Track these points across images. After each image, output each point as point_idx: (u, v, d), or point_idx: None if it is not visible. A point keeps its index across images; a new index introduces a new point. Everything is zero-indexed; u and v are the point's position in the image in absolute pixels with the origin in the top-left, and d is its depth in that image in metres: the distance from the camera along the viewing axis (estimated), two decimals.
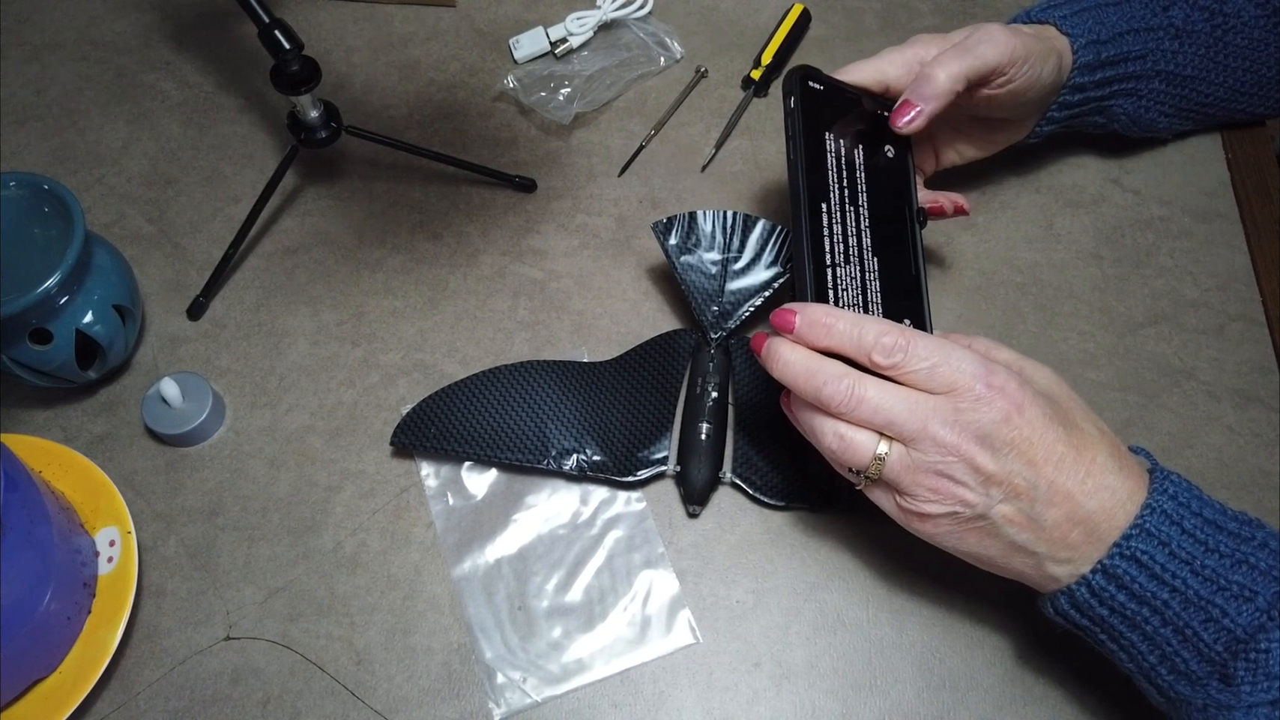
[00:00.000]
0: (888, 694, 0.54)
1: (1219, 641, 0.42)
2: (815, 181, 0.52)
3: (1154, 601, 0.43)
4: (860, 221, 0.53)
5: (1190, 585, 0.42)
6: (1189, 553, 0.42)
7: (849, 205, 0.53)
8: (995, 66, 0.54)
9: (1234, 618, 0.42)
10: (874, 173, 0.55)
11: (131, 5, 0.80)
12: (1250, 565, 0.42)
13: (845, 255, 0.52)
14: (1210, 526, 0.43)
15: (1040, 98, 0.59)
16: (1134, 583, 0.43)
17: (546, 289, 0.67)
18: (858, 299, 0.51)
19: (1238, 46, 0.63)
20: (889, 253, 0.53)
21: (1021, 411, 0.43)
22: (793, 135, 0.53)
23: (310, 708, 0.54)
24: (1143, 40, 0.60)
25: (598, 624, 0.56)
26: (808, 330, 0.46)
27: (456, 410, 0.60)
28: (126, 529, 0.57)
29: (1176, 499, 0.43)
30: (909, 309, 0.52)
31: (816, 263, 0.50)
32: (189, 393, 0.61)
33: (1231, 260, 0.66)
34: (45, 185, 0.58)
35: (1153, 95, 0.63)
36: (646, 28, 0.76)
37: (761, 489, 0.58)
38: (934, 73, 0.54)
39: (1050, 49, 0.57)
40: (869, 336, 0.45)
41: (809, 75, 0.54)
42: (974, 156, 0.64)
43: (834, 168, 0.53)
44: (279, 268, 0.68)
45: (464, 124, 0.73)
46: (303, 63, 0.59)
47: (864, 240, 0.53)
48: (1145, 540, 0.43)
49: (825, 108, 0.54)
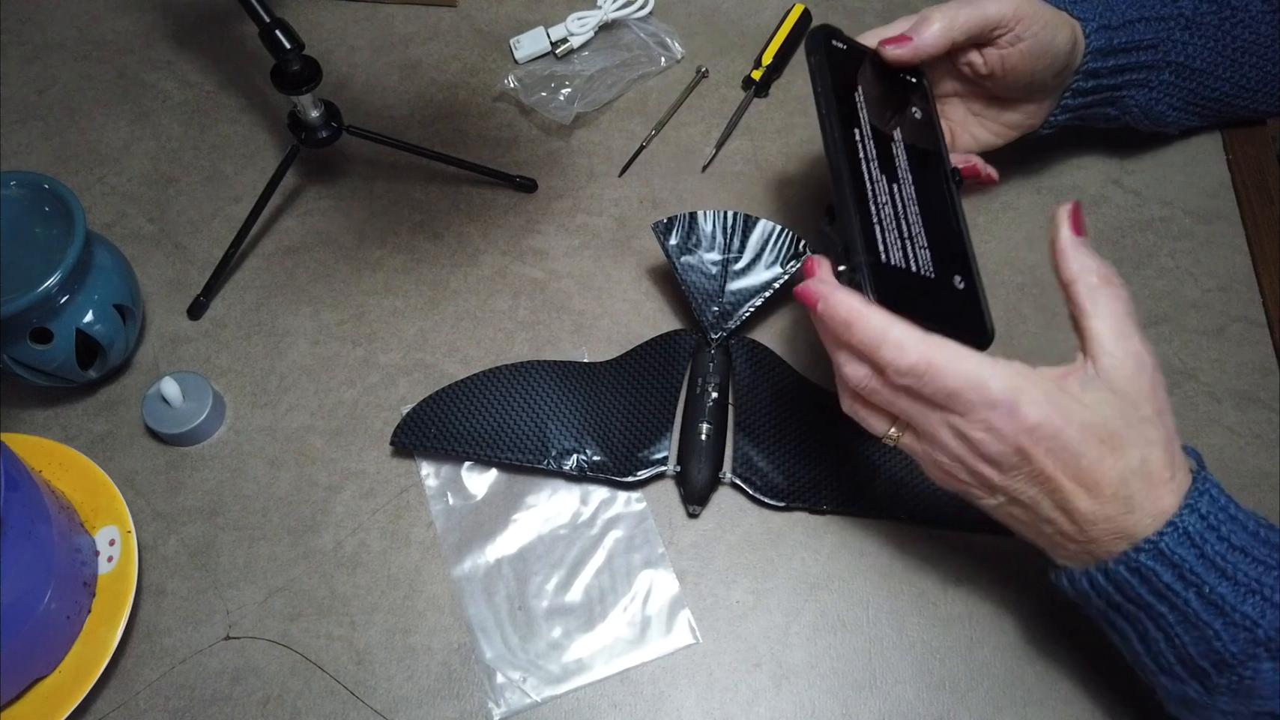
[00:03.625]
0: (888, 694, 0.54)
1: (1206, 658, 0.42)
2: (851, 138, 0.51)
3: (1151, 610, 0.43)
4: (900, 178, 0.51)
5: (1192, 606, 0.42)
6: (1200, 577, 0.42)
7: (887, 161, 0.52)
8: (998, 21, 0.54)
9: (1227, 644, 0.42)
10: (906, 132, 0.54)
11: (133, 5, 0.80)
12: (1264, 597, 0.41)
13: (891, 213, 0.49)
14: (1235, 553, 0.42)
15: (1054, 74, 0.58)
16: (1134, 590, 0.43)
17: (547, 289, 0.67)
18: (905, 255, 0.48)
19: (1245, 41, 0.63)
20: (931, 210, 0.52)
21: (1029, 458, 0.43)
22: (822, 92, 0.52)
23: (310, 707, 0.54)
24: (1154, 29, 0.60)
25: (598, 624, 0.56)
26: (826, 320, 0.46)
27: (457, 410, 0.60)
28: (126, 528, 0.57)
29: (1207, 518, 0.42)
30: (958, 266, 0.50)
31: (864, 217, 0.48)
32: (189, 392, 0.61)
33: (1232, 261, 0.66)
34: (46, 184, 0.58)
35: (1163, 87, 0.63)
36: (647, 28, 0.76)
37: (761, 489, 0.58)
38: (932, 13, 0.55)
39: (1064, 19, 0.57)
40: (886, 354, 0.43)
41: (832, 34, 0.54)
42: (989, 143, 0.63)
43: (867, 125, 0.52)
44: (280, 267, 0.68)
45: (465, 124, 0.73)
46: (303, 62, 0.59)
47: (906, 197, 0.51)
48: (1155, 559, 0.42)
49: (850, 67, 0.54)
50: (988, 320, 0.49)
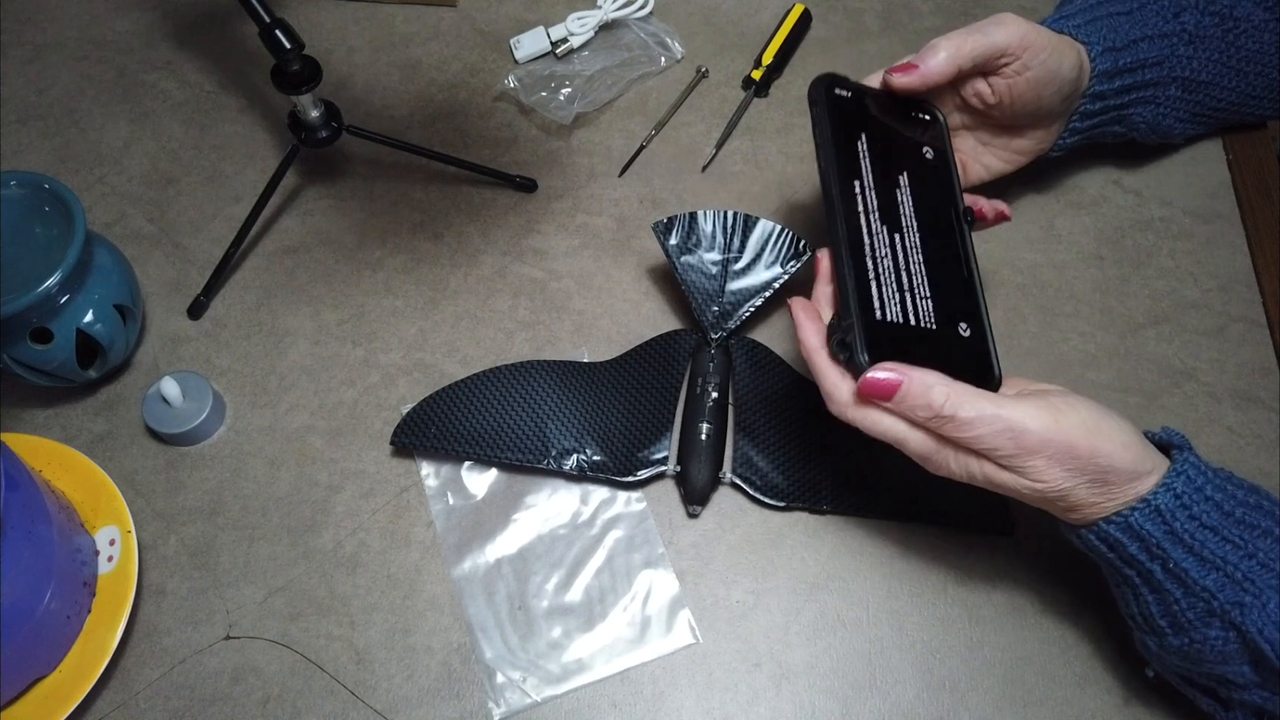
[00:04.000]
0: (888, 694, 0.54)
1: (1164, 618, 0.46)
2: (850, 191, 0.50)
3: (1120, 572, 0.47)
4: (904, 225, 0.51)
5: (1156, 576, 0.46)
6: (1165, 551, 0.45)
7: (890, 210, 0.51)
8: (1003, 49, 0.54)
9: (1184, 610, 0.45)
10: (914, 175, 0.53)
11: (133, 5, 0.80)
12: (1226, 574, 0.44)
13: (891, 265, 0.49)
14: (1205, 531, 0.44)
15: (1062, 99, 0.58)
16: (1104, 555, 0.47)
17: (547, 289, 0.67)
18: (904, 308, 0.48)
19: (1249, 50, 0.63)
20: (938, 256, 0.51)
21: (1025, 496, 0.46)
22: (822, 145, 0.51)
23: (310, 707, 0.54)
24: (1157, 47, 0.60)
25: (598, 624, 0.56)
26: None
27: (457, 410, 0.60)
28: (126, 528, 0.57)
29: (1181, 497, 0.45)
30: (964, 314, 0.50)
31: (859, 275, 0.48)
32: (189, 392, 0.61)
33: (1232, 261, 0.66)
34: (46, 184, 0.58)
35: (1170, 102, 0.63)
36: (647, 28, 0.76)
37: (761, 489, 0.58)
38: (939, 42, 0.54)
39: (1069, 44, 0.57)
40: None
41: (835, 83, 0.53)
42: (1001, 170, 0.63)
43: (869, 175, 0.51)
44: (280, 267, 0.68)
45: (465, 124, 0.73)
46: (304, 62, 0.59)
47: (909, 245, 0.50)
48: (1124, 533, 0.45)
49: (855, 115, 0.53)
50: (995, 365, 0.49)
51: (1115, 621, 0.51)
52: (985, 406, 0.44)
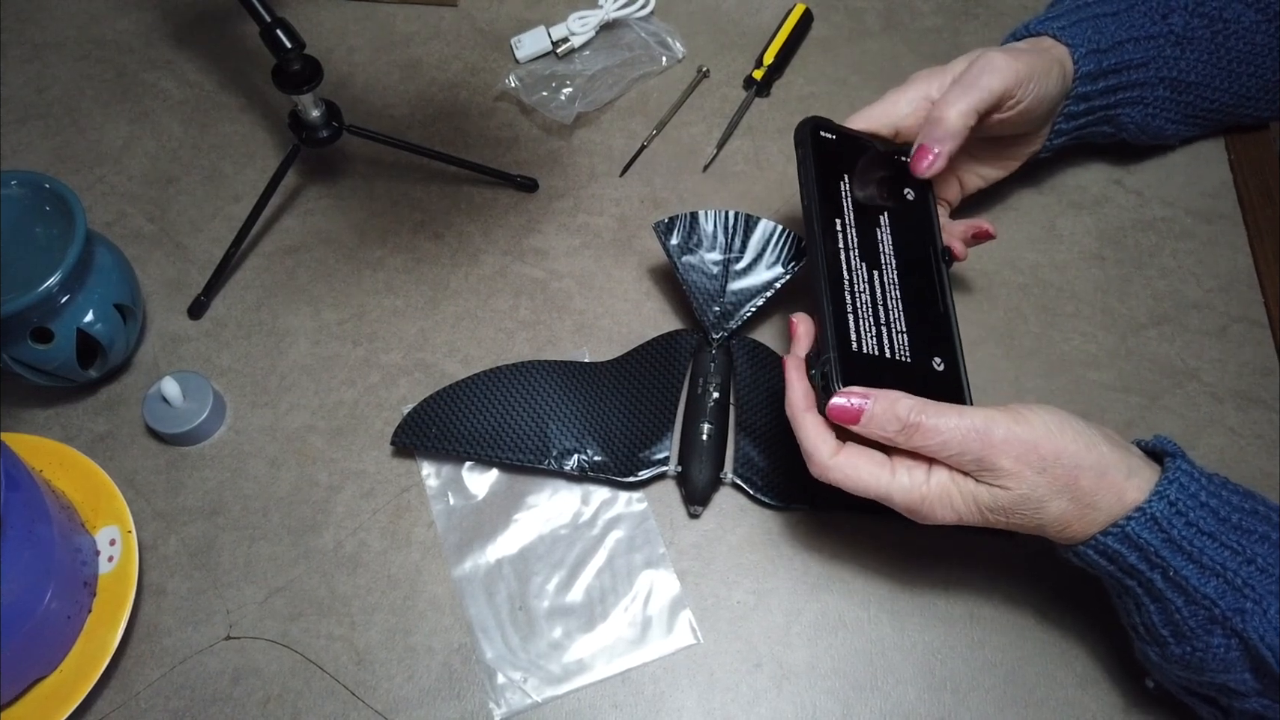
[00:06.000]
0: (888, 695, 0.54)
1: (1166, 627, 0.46)
2: (831, 229, 0.52)
3: (1125, 580, 0.47)
4: (883, 264, 0.53)
5: (1157, 585, 0.45)
6: (1165, 560, 0.44)
7: (870, 248, 0.53)
8: (1002, 94, 0.55)
9: (1186, 619, 0.45)
10: (895, 216, 0.55)
11: (133, 4, 0.80)
12: (1226, 580, 0.44)
13: (869, 300, 0.51)
14: (1203, 537, 0.44)
15: (1049, 111, 0.59)
16: (1104, 568, 0.47)
17: (548, 289, 0.67)
18: (881, 341, 0.50)
19: (1240, 51, 0.63)
20: (915, 292, 0.53)
21: (1011, 512, 0.46)
22: (805, 184, 0.53)
23: (310, 708, 0.54)
24: (1143, 48, 0.60)
25: (598, 624, 0.56)
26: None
27: (457, 410, 0.60)
28: (127, 528, 0.57)
29: (1175, 504, 0.44)
30: (939, 348, 0.51)
31: (837, 309, 0.50)
32: (190, 392, 0.61)
33: (1234, 261, 0.66)
34: (46, 184, 0.58)
35: (1159, 103, 0.63)
36: (648, 27, 0.76)
37: (762, 490, 0.58)
38: (944, 113, 0.54)
39: (1052, 61, 0.57)
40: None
41: (820, 125, 0.55)
42: (995, 177, 0.64)
43: (850, 214, 0.53)
44: (280, 267, 0.68)
45: (465, 123, 0.73)
46: (304, 62, 0.59)
47: (887, 283, 0.52)
48: (1122, 543, 0.45)
49: (839, 156, 0.55)
50: (968, 399, 0.50)
51: (1116, 623, 0.51)
52: (949, 412, 0.45)
